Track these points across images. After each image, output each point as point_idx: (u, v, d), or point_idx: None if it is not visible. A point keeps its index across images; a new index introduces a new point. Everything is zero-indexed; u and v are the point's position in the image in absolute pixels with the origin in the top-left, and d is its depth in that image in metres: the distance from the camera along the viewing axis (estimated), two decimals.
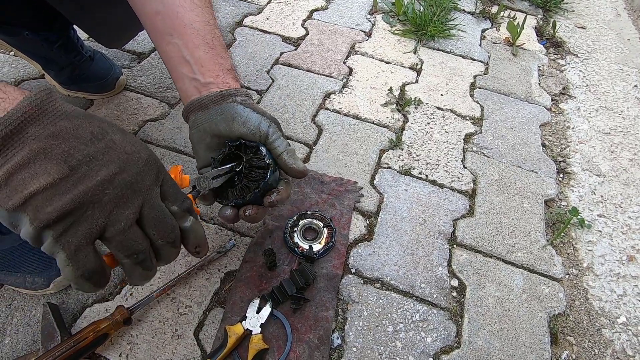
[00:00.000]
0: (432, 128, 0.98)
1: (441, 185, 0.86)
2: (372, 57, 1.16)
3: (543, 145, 0.98)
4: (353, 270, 0.71)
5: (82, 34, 0.94)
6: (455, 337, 0.65)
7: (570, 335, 0.67)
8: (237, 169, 0.57)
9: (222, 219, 0.58)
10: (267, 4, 1.32)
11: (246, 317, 0.61)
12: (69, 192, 0.30)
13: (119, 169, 0.33)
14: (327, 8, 1.32)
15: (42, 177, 0.29)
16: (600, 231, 0.82)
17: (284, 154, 0.56)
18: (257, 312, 0.62)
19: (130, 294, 0.65)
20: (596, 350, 0.66)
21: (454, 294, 0.70)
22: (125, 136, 0.36)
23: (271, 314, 0.62)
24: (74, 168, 0.31)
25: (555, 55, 1.26)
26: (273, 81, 1.05)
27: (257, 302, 0.63)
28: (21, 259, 0.63)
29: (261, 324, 0.61)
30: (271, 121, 0.56)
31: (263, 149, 0.55)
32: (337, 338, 0.63)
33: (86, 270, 0.33)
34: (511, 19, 1.29)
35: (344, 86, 1.06)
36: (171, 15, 0.56)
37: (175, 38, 0.56)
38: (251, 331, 0.60)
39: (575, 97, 1.12)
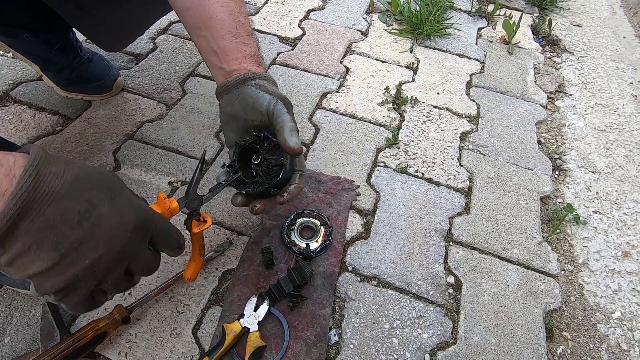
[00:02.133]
0: (428, 126, 0.98)
1: (437, 183, 0.86)
2: (369, 57, 1.16)
3: (539, 142, 0.98)
4: (350, 268, 0.72)
5: (80, 36, 0.95)
6: (451, 333, 0.66)
7: (565, 331, 0.68)
8: (256, 162, 0.61)
9: (234, 204, 0.62)
10: (264, 4, 1.32)
11: (244, 315, 0.62)
12: (62, 275, 0.35)
13: (105, 249, 0.36)
14: (324, 8, 1.33)
15: (38, 263, 0.33)
16: (595, 227, 0.83)
17: (282, 128, 0.56)
18: (255, 310, 0.63)
19: (129, 294, 0.66)
20: (591, 345, 0.67)
21: (450, 290, 0.70)
22: (112, 204, 0.37)
23: (269, 312, 0.63)
24: (63, 255, 0.34)
25: (551, 53, 1.26)
26: None
27: (254, 300, 0.64)
28: None
29: (259, 321, 0.62)
30: (278, 99, 0.58)
31: (279, 153, 0.59)
32: (334, 335, 0.64)
33: (80, 311, 0.40)
34: (507, 18, 1.30)
35: (340, 85, 1.07)
36: (199, 9, 0.60)
37: (203, 31, 0.61)
38: (249, 329, 0.61)
39: (570, 95, 1.12)
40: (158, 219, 0.43)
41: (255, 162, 0.62)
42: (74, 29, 0.91)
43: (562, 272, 0.75)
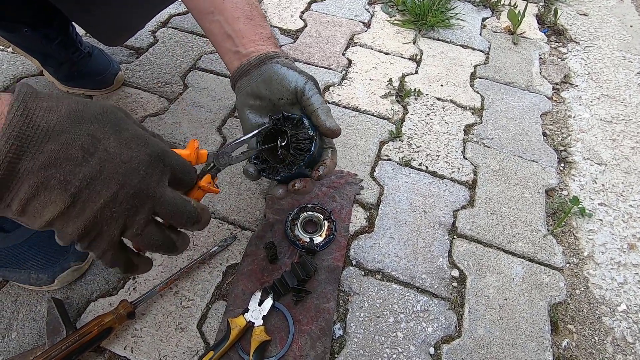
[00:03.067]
0: (432, 119, 0.97)
1: (441, 177, 0.86)
2: (372, 49, 1.15)
3: (544, 134, 0.97)
4: (354, 262, 0.72)
5: (80, 30, 0.94)
6: (455, 326, 0.66)
7: (570, 324, 0.68)
8: (282, 143, 0.57)
9: (275, 198, 0.58)
10: None
11: (248, 309, 0.62)
12: (79, 217, 0.32)
13: (119, 184, 0.33)
14: None
15: (51, 207, 0.31)
16: (601, 220, 0.82)
17: (318, 110, 0.54)
18: (259, 305, 0.63)
19: (134, 289, 0.66)
20: (596, 338, 0.67)
21: (455, 284, 0.70)
22: (119, 137, 0.34)
23: (273, 306, 0.63)
24: (75, 195, 0.32)
25: (557, 43, 1.24)
26: None
27: (259, 294, 0.64)
28: (26, 255, 0.63)
29: (263, 316, 0.62)
30: (308, 78, 0.56)
31: (306, 121, 0.55)
32: (339, 329, 0.64)
33: (114, 263, 0.37)
34: (512, 7, 1.28)
35: (343, 78, 1.06)
36: None
37: (216, 15, 0.59)
38: (253, 323, 0.61)
39: (576, 86, 1.11)
40: (174, 155, 0.39)
41: (282, 144, 0.57)
42: (73, 23, 0.91)
43: (567, 265, 0.75)
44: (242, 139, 0.54)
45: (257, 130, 0.56)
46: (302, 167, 0.54)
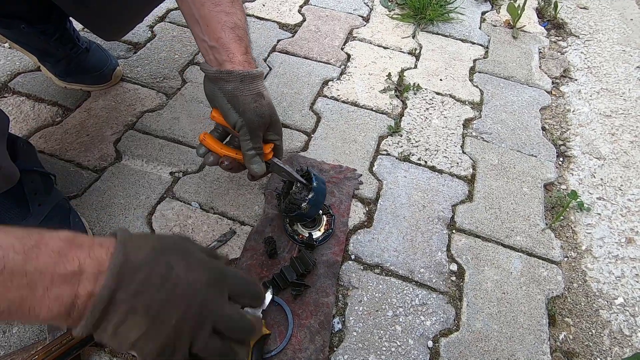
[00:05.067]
0: (431, 114, 0.97)
1: (440, 171, 0.86)
2: (370, 43, 1.15)
3: (543, 129, 0.97)
4: (353, 257, 0.72)
5: (78, 25, 0.93)
6: (454, 320, 0.66)
7: (568, 317, 0.68)
8: (293, 188, 0.69)
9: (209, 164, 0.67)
10: None
11: None
12: (158, 336, 0.38)
13: (185, 306, 0.39)
14: None
15: (136, 329, 0.37)
16: (599, 214, 0.82)
17: (245, 156, 0.63)
18: None
19: None
20: (593, 331, 0.67)
21: (453, 278, 0.71)
22: (187, 264, 0.40)
23: (272, 301, 0.63)
24: (154, 317, 0.38)
25: (557, 37, 1.24)
26: (270, 69, 1.04)
27: None
28: None
29: (262, 310, 0.62)
30: (244, 123, 0.60)
31: (309, 195, 0.66)
32: (338, 323, 0.64)
33: None
34: (511, 1, 1.27)
35: (342, 73, 1.05)
36: None
37: None
38: None
39: (576, 80, 1.10)
40: (231, 273, 0.44)
41: (297, 186, 0.69)
42: (71, 18, 0.90)
43: (565, 259, 0.75)
44: (293, 175, 0.68)
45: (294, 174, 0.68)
46: (287, 214, 0.70)
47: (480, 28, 1.23)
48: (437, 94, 1.02)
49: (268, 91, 0.63)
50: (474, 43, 1.18)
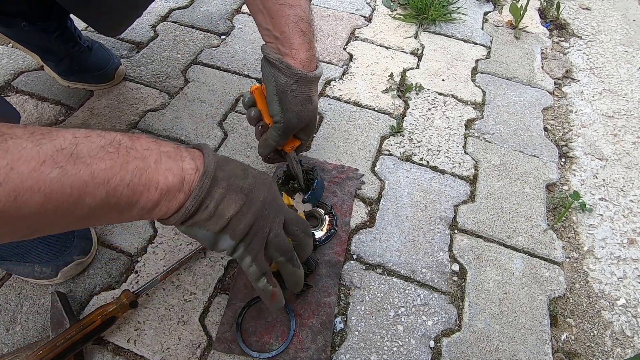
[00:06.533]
0: (433, 114, 0.97)
1: (442, 171, 0.86)
2: (373, 43, 1.15)
3: (545, 129, 0.97)
4: (355, 257, 0.72)
5: (79, 24, 0.93)
6: (456, 320, 0.66)
7: (569, 318, 0.68)
8: (298, 182, 0.73)
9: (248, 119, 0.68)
10: None
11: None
12: (248, 212, 0.44)
13: (266, 192, 0.46)
14: None
15: (233, 205, 0.43)
16: (601, 215, 0.82)
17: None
18: None
19: (136, 282, 0.67)
20: (595, 332, 0.67)
21: (455, 278, 0.71)
22: (255, 170, 0.48)
23: None
24: (247, 195, 0.44)
25: (559, 38, 1.24)
26: None
27: None
28: (29, 249, 0.64)
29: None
30: (282, 120, 0.62)
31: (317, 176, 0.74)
32: (340, 322, 0.64)
33: (262, 269, 0.47)
34: (514, 1, 1.27)
35: (344, 73, 1.05)
36: None
37: None
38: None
39: (578, 81, 1.10)
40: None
41: (301, 180, 0.74)
42: (72, 16, 0.90)
43: (567, 260, 0.75)
44: (299, 176, 0.72)
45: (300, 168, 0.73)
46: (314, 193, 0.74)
47: (482, 28, 1.23)
48: (439, 94, 1.02)
49: (317, 94, 0.63)
50: (476, 43, 1.17)
